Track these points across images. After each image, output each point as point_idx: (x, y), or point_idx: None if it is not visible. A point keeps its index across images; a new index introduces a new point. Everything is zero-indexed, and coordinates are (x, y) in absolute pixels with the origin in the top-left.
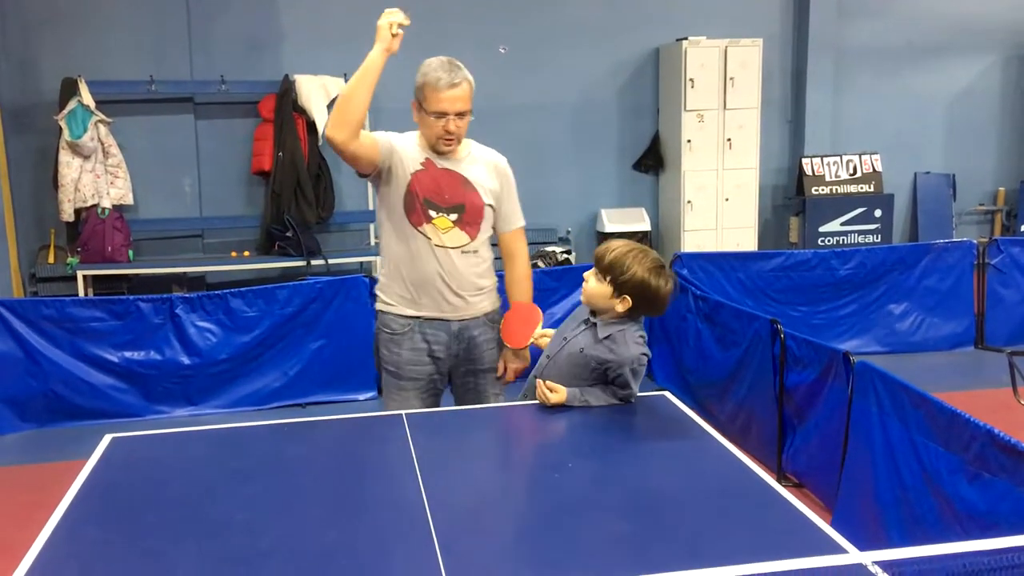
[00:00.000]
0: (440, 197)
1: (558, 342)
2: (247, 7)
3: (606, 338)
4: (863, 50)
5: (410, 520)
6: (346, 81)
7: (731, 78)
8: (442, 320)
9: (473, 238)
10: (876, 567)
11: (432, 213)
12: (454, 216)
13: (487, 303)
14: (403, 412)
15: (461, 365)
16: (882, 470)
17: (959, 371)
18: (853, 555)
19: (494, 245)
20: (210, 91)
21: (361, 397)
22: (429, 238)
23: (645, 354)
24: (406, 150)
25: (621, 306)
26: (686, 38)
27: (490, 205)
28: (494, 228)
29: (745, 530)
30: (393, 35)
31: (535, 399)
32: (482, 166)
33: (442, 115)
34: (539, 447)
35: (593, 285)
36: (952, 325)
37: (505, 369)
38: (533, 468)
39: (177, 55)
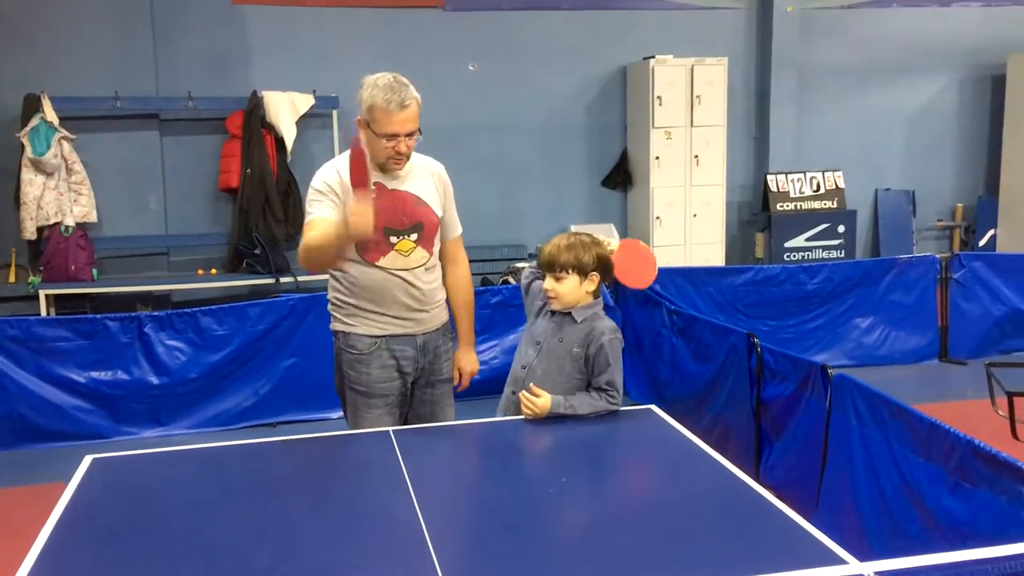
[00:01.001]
0: (398, 221)
1: (531, 349)
2: (214, 23)
3: (582, 322)
4: (825, 69)
5: (406, 538)
6: (314, 97)
7: (698, 96)
8: (408, 335)
9: (431, 254)
10: None
11: (394, 239)
12: (415, 236)
13: (444, 313)
14: (390, 429)
15: (423, 377)
16: (862, 482)
17: (925, 384)
18: (854, 566)
19: None
20: (176, 107)
21: (334, 416)
22: (391, 268)
23: (617, 329)
24: (350, 191)
25: (591, 285)
26: (653, 57)
27: (441, 218)
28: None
29: (743, 541)
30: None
31: (516, 415)
32: (426, 179)
33: (393, 137)
34: (531, 462)
35: (563, 287)
36: (917, 338)
37: (460, 376)
38: (527, 483)
39: (143, 71)
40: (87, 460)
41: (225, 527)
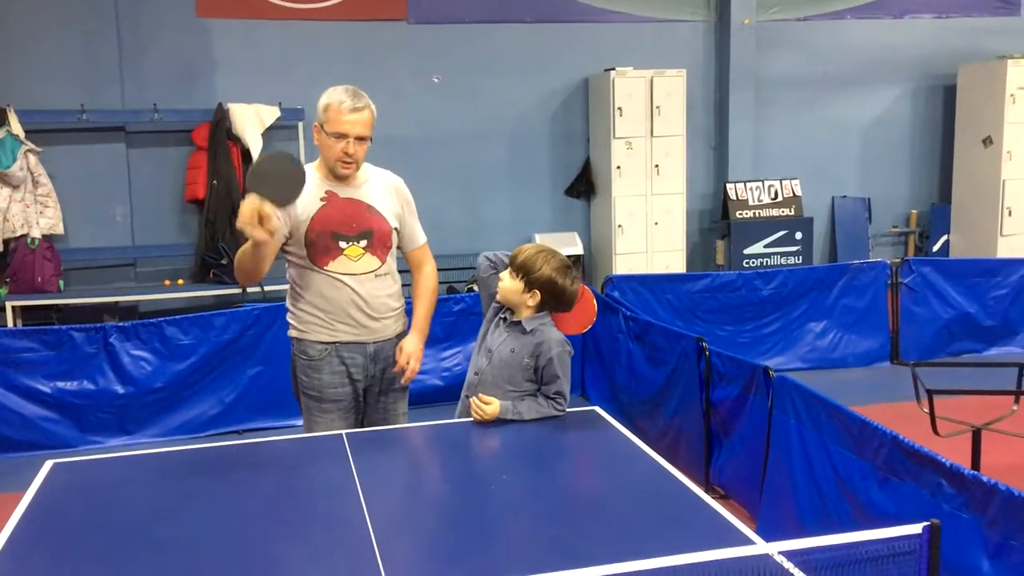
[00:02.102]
0: (348, 227)
1: (484, 357)
2: (180, 35)
3: (531, 331)
4: (781, 80)
5: (352, 535)
6: (280, 109)
7: (657, 107)
8: (358, 343)
9: (383, 261)
10: (781, 556)
11: (343, 244)
12: (364, 242)
13: (399, 324)
14: (343, 432)
15: (375, 386)
16: (800, 478)
17: (875, 385)
18: (760, 546)
19: (404, 271)
20: (142, 120)
21: (299, 422)
22: (339, 272)
23: (567, 341)
24: (301, 200)
25: (531, 300)
26: (614, 68)
27: (396, 228)
28: (400, 248)
29: (665, 529)
30: (257, 227)
31: (470, 418)
32: (383, 190)
33: (342, 136)
34: (475, 461)
35: (507, 282)
36: (869, 342)
37: (400, 357)
38: (469, 481)
39: (109, 84)
40: (47, 465)
41: (179, 528)
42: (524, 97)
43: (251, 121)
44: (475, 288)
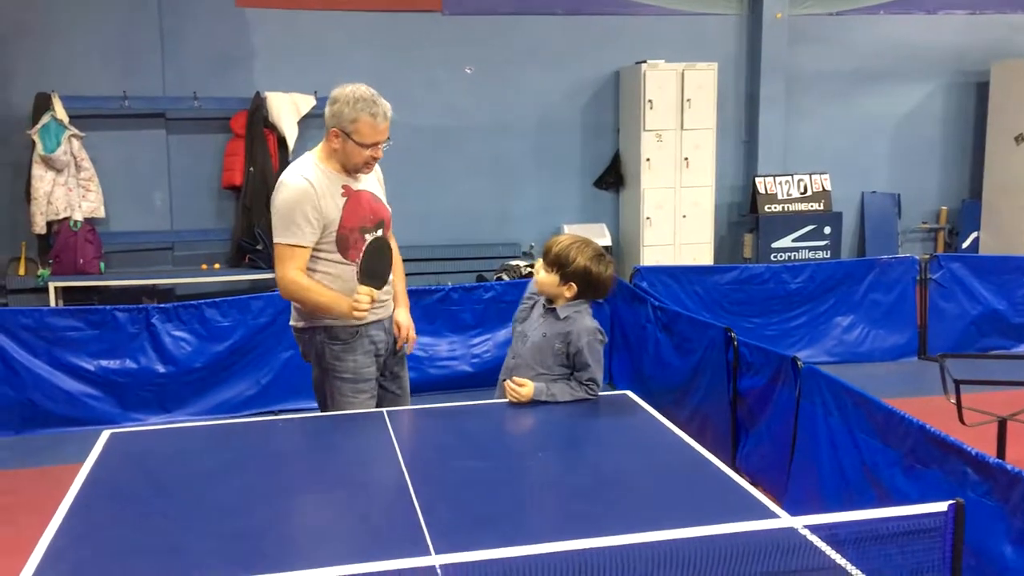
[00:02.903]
0: (368, 219)
1: (520, 341)
2: (219, 25)
3: (565, 318)
4: (813, 75)
5: (396, 502)
6: (316, 98)
7: (688, 100)
8: (379, 320)
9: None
10: (806, 530)
11: (367, 236)
12: (379, 231)
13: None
14: (384, 410)
15: (388, 356)
16: (827, 465)
17: (902, 380)
18: (785, 519)
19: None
20: (182, 107)
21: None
22: None
23: (600, 329)
24: (324, 198)
25: (568, 292)
26: (645, 61)
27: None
28: None
29: (695, 504)
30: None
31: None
32: (372, 177)
33: (375, 145)
34: (512, 439)
35: (543, 276)
36: (896, 337)
37: (400, 331)
38: (507, 456)
39: (150, 71)
40: (105, 435)
41: (233, 493)
42: (555, 88)
43: (287, 109)
44: (504, 277)
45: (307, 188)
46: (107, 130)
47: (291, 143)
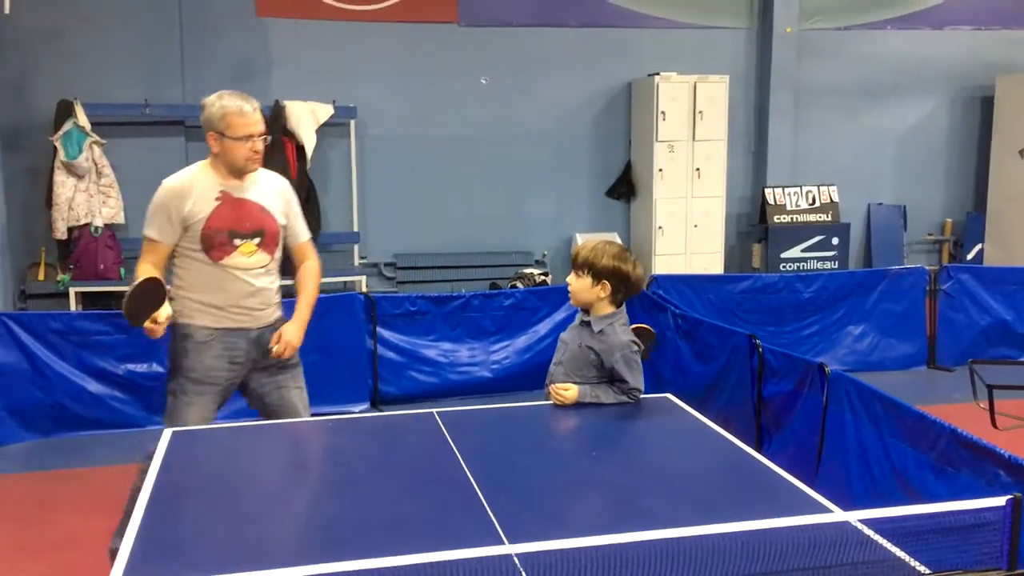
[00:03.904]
0: (242, 225)
1: (562, 349)
2: (239, 34)
3: (599, 332)
4: (821, 88)
5: (461, 495)
6: (334, 107)
7: (700, 111)
8: (242, 329)
9: (272, 257)
10: (860, 524)
11: (237, 241)
12: (256, 240)
13: (279, 312)
14: (434, 410)
15: (264, 367)
16: (855, 469)
17: (913, 389)
18: (838, 514)
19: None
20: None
21: (355, 410)
22: (232, 267)
23: (634, 341)
24: (195, 198)
25: (603, 291)
26: (658, 73)
27: (283, 226)
28: (287, 244)
29: (748, 500)
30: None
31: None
32: (271, 192)
33: (249, 137)
34: (564, 438)
35: (575, 283)
36: (906, 346)
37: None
38: (562, 455)
39: (170, 80)
40: (167, 433)
41: (298, 486)
42: (568, 99)
43: (306, 118)
44: (518, 284)
45: (176, 189)
46: (128, 137)
47: (309, 151)
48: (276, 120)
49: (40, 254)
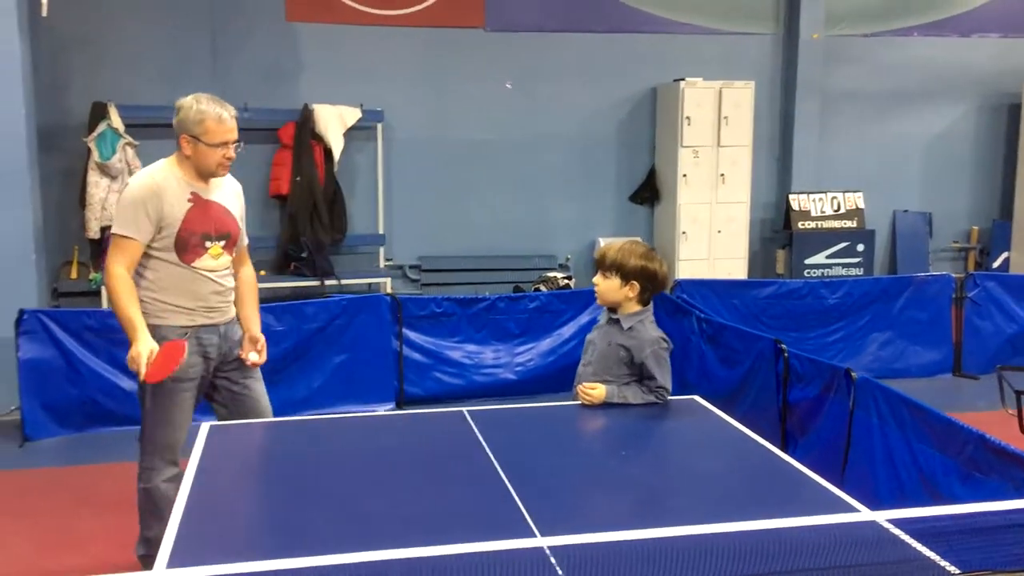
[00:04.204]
0: (213, 228)
1: (590, 350)
2: (270, 39)
3: (628, 329)
4: (848, 95)
5: (495, 492)
6: (361, 111)
7: (725, 117)
8: (213, 325)
9: (231, 257)
10: (888, 523)
11: (208, 244)
12: (222, 242)
13: (235, 307)
14: (464, 409)
15: (230, 364)
16: (882, 474)
17: (938, 396)
18: (865, 513)
19: None
20: None
21: (381, 410)
22: (204, 269)
23: (663, 338)
24: (169, 200)
25: (631, 291)
26: (683, 79)
27: (240, 229)
28: None
29: (778, 499)
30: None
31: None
32: (231, 195)
33: (224, 144)
34: (591, 438)
35: (602, 284)
36: (932, 354)
37: (256, 345)
38: (592, 455)
39: (202, 83)
40: (205, 427)
41: (334, 480)
42: (592, 104)
43: (334, 121)
44: (541, 288)
45: (152, 187)
46: (160, 139)
47: (336, 154)
48: (304, 123)
49: (73, 253)
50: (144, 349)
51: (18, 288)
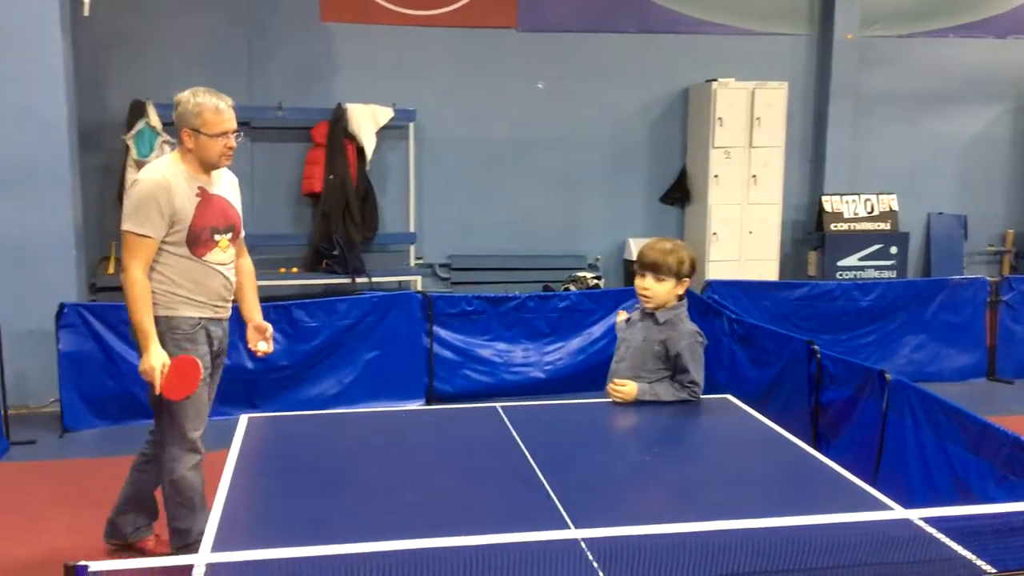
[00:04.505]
0: (220, 221)
1: (623, 347)
2: (303, 38)
3: (665, 323)
4: (881, 95)
5: (529, 485)
6: (394, 110)
7: (758, 118)
8: (219, 319)
9: (235, 249)
10: (922, 521)
11: (217, 237)
12: (229, 235)
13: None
14: (497, 404)
15: (216, 356)
16: (916, 476)
17: (971, 401)
18: (899, 512)
19: None
20: (267, 116)
21: (412, 406)
22: (214, 262)
23: (699, 332)
24: (179, 196)
25: (680, 289)
26: (716, 79)
27: (241, 220)
28: None
29: (812, 497)
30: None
31: None
32: (230, 187)
33: (224, 134)
34: (623, 434)
35: (660, 288)
36: (965, 357)
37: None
38: (624, 452)
39: (238, 82)
40: (244, 419)
41: (371, 472)
42: (624, 105)
43: (366, 121)
44: (571, 287)
45: (162, 183)
46: None
47: (369, 153)
48: (338, 122)
49: (111, 249)
50: (156, 363)
51: (59, 282)
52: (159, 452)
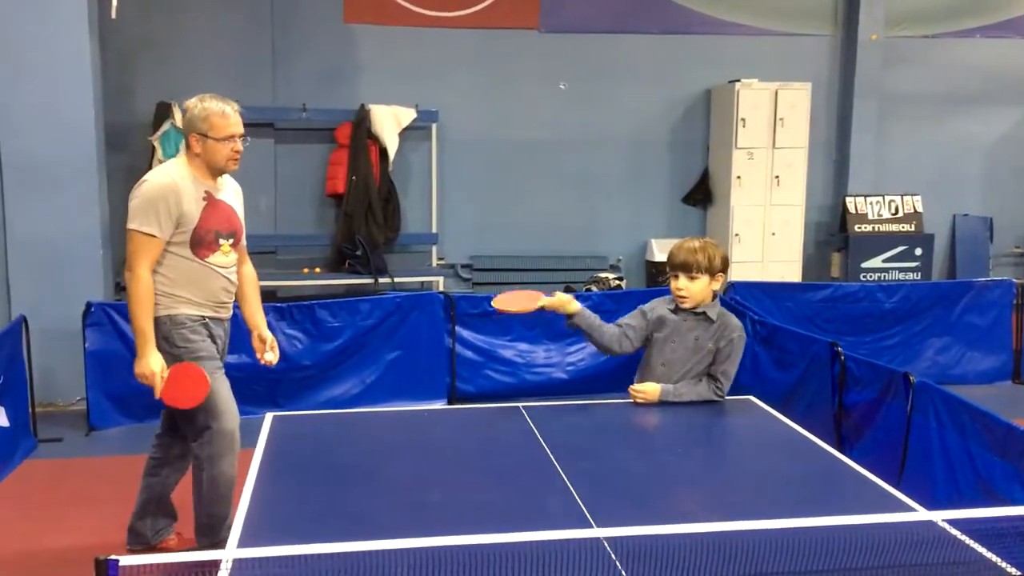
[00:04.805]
0: (224, 226)
1: (668, 349)
2: (327, 41)
3: (716, 319)
4: (906, 97)
5: (551, 485)
6: (416, 111)
7: (781, 119)
8: (219, 320)
9: (237, 255)
10: (946, 523)
11: (221, 241)
12: (231, 240)
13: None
14: (520, 404)
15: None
16: (940, 479)
17: (997, 403)
18: (923, 513)
19: None
20: (291, 118)
21: (434, 406)
22: (216, 265)
23: (741, 326)
24: (186, 199)
25: (716, 284)
26: (739, 80)
27: (244, 227)
28: None
29: (836, 498)
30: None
31: None
32: (234, 194)
33: (231, 138)
34: (646, 434)
35: (694, 286)
36: (991, 360)
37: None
38: (648, 452)
39: (262, 83)
40: (269, 417)
41: (396, 470)
42: (646, 106)
43: (389, 122)
44: (593, 288)
45: (171, 184)
46: None
47: (392, 154)
48: (361, 123)
49: None
50: (156, 367)
51: (86, 282)
52: (165, 454)
